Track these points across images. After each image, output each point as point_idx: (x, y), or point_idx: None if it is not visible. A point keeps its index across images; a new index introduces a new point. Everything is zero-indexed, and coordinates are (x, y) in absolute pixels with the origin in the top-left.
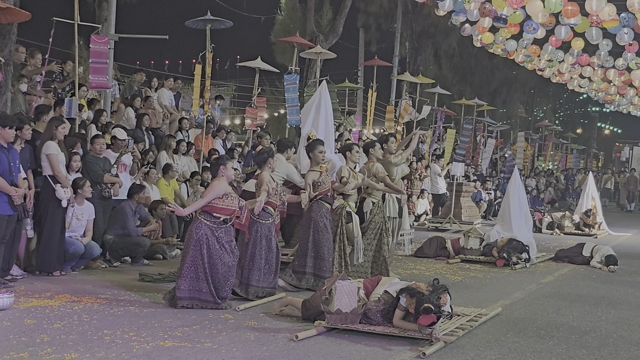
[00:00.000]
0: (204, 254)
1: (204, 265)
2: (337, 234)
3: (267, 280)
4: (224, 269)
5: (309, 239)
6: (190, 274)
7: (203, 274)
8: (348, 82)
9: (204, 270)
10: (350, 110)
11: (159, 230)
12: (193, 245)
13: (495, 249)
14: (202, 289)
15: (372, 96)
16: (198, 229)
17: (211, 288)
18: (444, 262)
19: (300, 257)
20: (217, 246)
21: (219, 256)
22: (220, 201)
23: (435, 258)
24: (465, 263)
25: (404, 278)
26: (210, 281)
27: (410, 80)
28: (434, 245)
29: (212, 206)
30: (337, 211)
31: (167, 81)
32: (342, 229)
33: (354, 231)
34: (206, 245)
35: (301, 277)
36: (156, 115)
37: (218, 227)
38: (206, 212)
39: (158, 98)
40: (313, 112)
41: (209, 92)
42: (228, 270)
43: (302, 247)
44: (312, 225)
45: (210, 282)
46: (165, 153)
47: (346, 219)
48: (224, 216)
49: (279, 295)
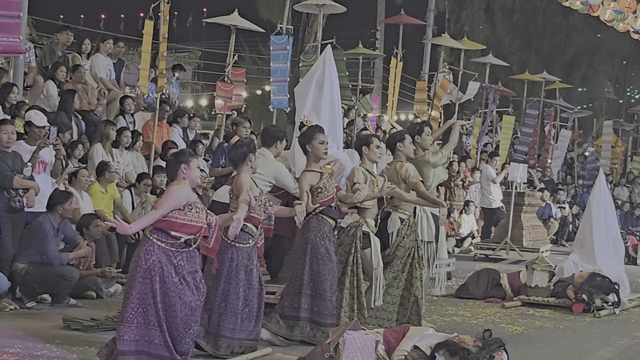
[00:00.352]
0: (157, 289)
1: (157, 306)
2: (349, 264)
3: (245, 330)
4: (185, 311)
5: (305, 270)
6: (137, 317)
7: (155, 317)
8: (362, 47)
9: (155, 313)
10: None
11: (91, 257)
12: (141, 277)
13: (572, 287)
14: (154, 340)
15: (397, 68)
16: (149, 253)
17: (166, 338)
18: (498, 306)
19: (292, 295)
20: (175, 278)
21: (178, 293)
22: (180, 214)
23: (485, 300)
24: (529, 307)
25: (441, 329)
26: (166, 329)
27: (450, 46)
28: (483, 281)
29: (170, 221)
30: (350, 231)
31: (104, 44)
32: (356, 256)
33: (373, 261)
34: (159, 277)
35: (293, 325)
36: (89, 92)
37: (177, 252)
38: (160, 230)
39: (91, 68)
40: (313, 89)
41: (164, 61)
42: (190, 314)
43: (295, 282)
44: (310, 250)
45: (165, 329)
46: (101, 146)
47: (362, 242)
48: (185, 236)
49: (262, 351)
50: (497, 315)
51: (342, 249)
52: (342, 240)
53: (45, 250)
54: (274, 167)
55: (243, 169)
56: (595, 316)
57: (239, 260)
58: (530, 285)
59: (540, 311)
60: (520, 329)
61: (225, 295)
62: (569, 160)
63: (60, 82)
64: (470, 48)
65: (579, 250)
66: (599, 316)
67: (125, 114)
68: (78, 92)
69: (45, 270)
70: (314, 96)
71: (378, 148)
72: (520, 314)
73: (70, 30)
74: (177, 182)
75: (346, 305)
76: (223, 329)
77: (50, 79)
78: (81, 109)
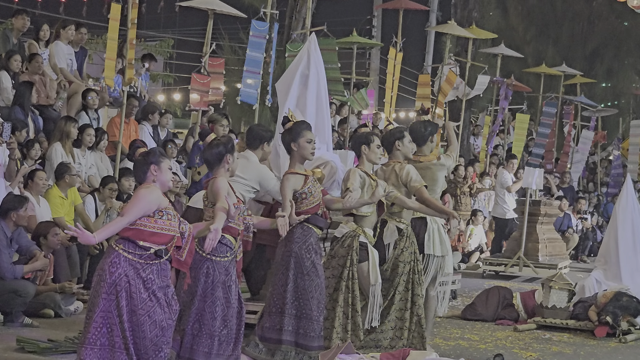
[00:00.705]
0: (123, 306)
1: (123, 326)
2: (343, 279)
3: (222, 354)
4: (155, 331)
5: (288, 287)
6: (101, 339)
7: (121, 339)
8: (357, 35)
9: (122, 334)
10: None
11: (49, 270)
12: (105, 292)
13: (594, 308)
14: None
15: (396, 59)
16: (114, 266)
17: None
18: (510, 329)
19: (273, 315)
20: (144, 294)
21: (147, 311)
22: (150, 222)
23: (495, 322)
24: (545, 330)
25: (445, 354)
26: (133, 351)
27: (457, 35)
28: (493, 300)
29: (138, 230)
30: (345, 242)
31: (64, 30)
32: (352, 270)
33: (370, 276)
34: (126, 293)
35: (275, 349)
36: (47, 84)
37: (146, 264)
38: (127, 239)
39: (50, 57)
40: (297, 84)
41: (133, 49)
42: (161, 334)
43: (277, 300)
44: (294, 264)
45: (132, 352)
46: (61, 146)
47: (359, 255)
48: (155, 246)
49: None
50: (508, 339)
51: (335, 262)
52: (337, 251)
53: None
54: (258, 171)
55: (219, 172)
56: (621, 341)
57: (215, 276)
58: (547, 306)
59: (558, 335)
60: (535, 354)
61: (200, 315)
62: (591, 165)
63: (14, 73)
64: (480, 37)
65: (603, 266)
66: (625, 341)
67: (88, 110)
68: (35, 85)
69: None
70: (298, 91)
71: (379, 148)
72: (535, 338)
73: (27, 15)
74: (146, 186)
75: (339, 326)
76: (197, 353)
77: (4, 70)
78: (38, 104)
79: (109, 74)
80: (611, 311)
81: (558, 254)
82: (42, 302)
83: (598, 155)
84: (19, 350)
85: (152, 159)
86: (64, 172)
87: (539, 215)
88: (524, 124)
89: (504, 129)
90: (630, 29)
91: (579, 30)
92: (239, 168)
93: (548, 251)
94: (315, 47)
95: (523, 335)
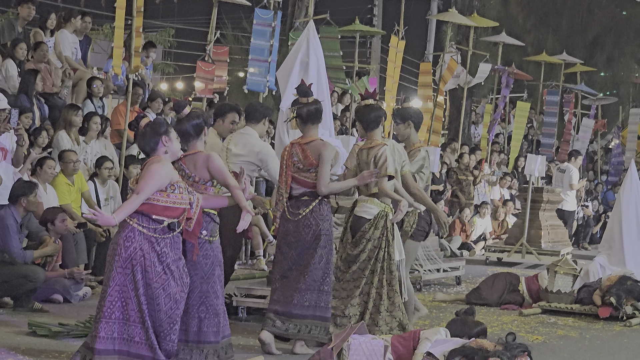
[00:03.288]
0: (138, 280)
1: (138, 299)
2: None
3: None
4: (169, 304)
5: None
6: (116, 312)
7: (136, 312)
8: (359, 24)
9: (137, 307)
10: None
11: (58, 256)
12: (121, 266)
13: (599, 292)
14: (134, 337)
15: (398, 47)
16: (129, 240)
17: (149, 335)
18: (515, 313)
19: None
20: (158, 268)
21: (162, 284)
22: (162, 196)
23: (500, 307)
24: (550, 315)
25: None
26: (149, 324)
27: (458, 23)
28: (499, 286)
29: (151, 204)
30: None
31: (73, 20)
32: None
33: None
34: (141, 267)
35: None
36: (52, 73)
37: (160, 238)
38: (141, 213)
39: (56, 45)
40: (297, 71)
41: (140, 37)
42: (175, 307)
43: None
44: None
45: (147, 325)
46: (66, 134)
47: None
48: (168, 219)
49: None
50: (514, 323)
51: (371, 244)
52: (372, 235)
53: (7, 248)
54: (259, 147)
55: (197, 145)
56: (625, 325)
57: (213, 256)
58: (552, 291)
59: (563, 319)
60: (541, 338)
61: (205, 297)
62: (591, 153)
63: (20, 62)
64: (481, 25)
65: (607, 251)
66: (630, 325)
67: (93, 98)
68: (40, 73)
69: (7, 270)
70: (299, 79)
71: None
72: (540, 322)
73: (32, 4)
74: (157, 160)
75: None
76: (207, 334)
77: (10, 58)
78: (44, 92)
79: (117, 62)
80: (615, 293)
81: (560, 240)
82: (51, 287)
83: (598, 143)
84: (30, 334)
85: (162, 129)
86: (68, 160)
87: (541, 202)
88: (524, 112)
89: (505, 117)
90: (629, 17)
91: (579, 19)
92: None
93: (550, 238)
94: (314, 35)
95: (528, 320)
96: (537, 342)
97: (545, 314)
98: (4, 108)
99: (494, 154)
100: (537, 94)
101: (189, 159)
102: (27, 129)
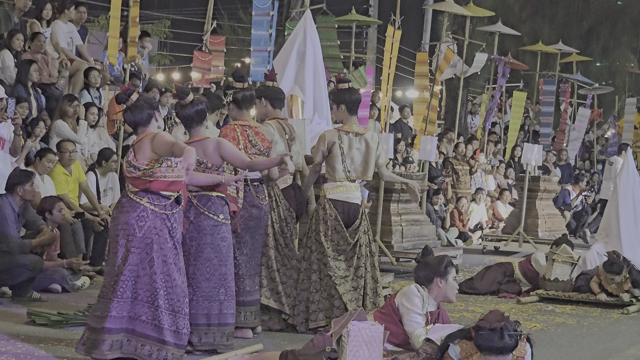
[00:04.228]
0: (154, 258)
1: (152, 277)
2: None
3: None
4: (181, 277)
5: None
6: (127, 291)
7: (146, 292)
8: (355, 13)
9: (148, 286)
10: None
11: (56, 246)
12: (136, 247)
13: (596, 279)
14: (140, 316)
15: (394, 37)
16: (142, 220)
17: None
18: (513, 301)
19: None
20: (169, 244)
21: (174, 259)
22: (169, 171)
23: (498, 295)
24: (548, 303)
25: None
26: (163, 305)
27: (454, 12)
28: (490, 276)
29: (159, 181)
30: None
31: (67, 10)
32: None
33: None
34: (157, 246)
35: None
36: (49, 63)
37: (171, 214)
38: (150, 192)
39: (52, 36)
40: (294, 60)
41: (136, 27)
42: (184, 280)
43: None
44: None
45: (158, 304)
46: (64, 122)
47: None
48: (174, 193)
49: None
50: (512, 311)
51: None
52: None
53: (5, 237)
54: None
55: (200, 131)
56: (623, 312)
57: (230, 239)
58: (550, 279)
59: (561, 307)
60: (539, 325)
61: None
62: (587, 143)
63: (17, 52)
64: (477, 15)
65: (604, 239)
66: (628, 312)
67: (90, 88)
68: (37, 63)
69: (5, 259)
70: (296, 68)
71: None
72: (538, 310)
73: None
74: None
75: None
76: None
77: (6, 49)
78: (41, 82)
79: (113, 52)
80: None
81: (557, 229)
82: (49, 277)
83: (594, 133)
84: (29, 323)
85: (155, 104)
86: (64, 150)
87: (538, 191)
88: (521, 102)
89: (501, 107)
90: (625, 7)
91: (575, 9)
92: None
93: (547, 227)
94: (311, 24)
95: (526, 308)
96: (536, 330)
97: (542, 302)
98: (2, 97)
99: (490, 143)
100: (533, 84)
101: (196, 145)
102: (24, 120)
